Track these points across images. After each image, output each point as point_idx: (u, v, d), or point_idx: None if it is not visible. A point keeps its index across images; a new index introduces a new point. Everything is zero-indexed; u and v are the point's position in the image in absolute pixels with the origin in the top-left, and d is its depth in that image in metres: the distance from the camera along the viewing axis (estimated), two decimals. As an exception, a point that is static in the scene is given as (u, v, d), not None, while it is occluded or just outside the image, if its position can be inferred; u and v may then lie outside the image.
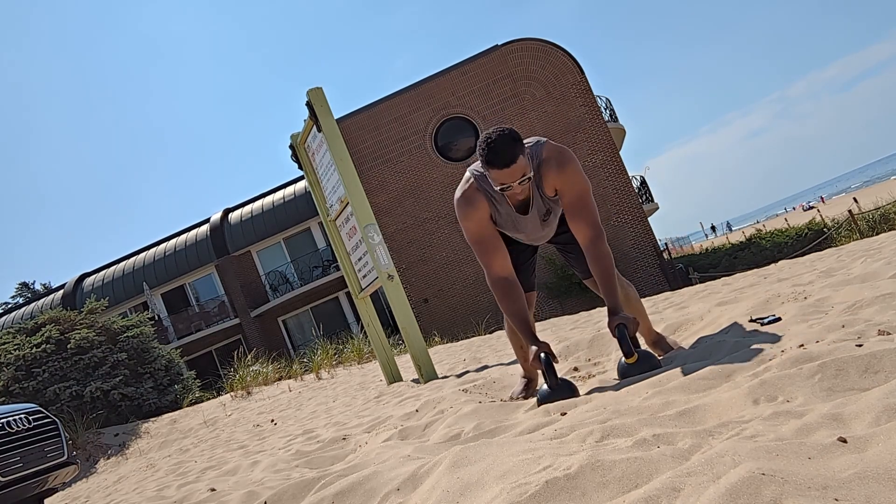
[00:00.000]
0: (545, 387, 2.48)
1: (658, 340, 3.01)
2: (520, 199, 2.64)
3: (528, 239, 2.88)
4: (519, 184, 2.46)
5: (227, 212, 25.68)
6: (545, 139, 2.70)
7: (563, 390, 2.45)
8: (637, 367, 2.48)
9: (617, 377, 2.61)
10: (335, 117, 6.62)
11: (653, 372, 2.43)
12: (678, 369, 2.31)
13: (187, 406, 11.87)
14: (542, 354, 2.48)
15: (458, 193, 2.70)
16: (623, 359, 2.53)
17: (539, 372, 2.85)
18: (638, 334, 3.04)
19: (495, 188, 2.52)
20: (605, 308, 2.65)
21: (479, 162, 2.60)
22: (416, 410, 3.46)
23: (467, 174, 2.72)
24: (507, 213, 2.69)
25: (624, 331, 2.46)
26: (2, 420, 5.05)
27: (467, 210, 2.66)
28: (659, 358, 2.72)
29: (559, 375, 2.55)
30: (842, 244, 12.31)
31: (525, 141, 2.63)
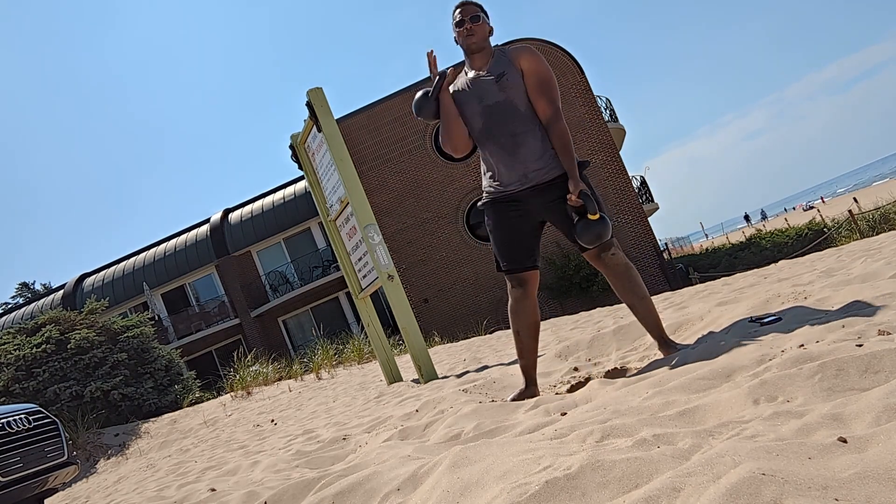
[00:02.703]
0: (420, 93, 3.02)
1: (668, 341, 3.00)
2: (479, 60, 2.96)
3: (487, 108, 2.93)
4: (471, 18, 2.92)
5: (227, 212, 25.67)
6: None
7: (433, 102, 2.97)
8: (596, 224, 2.70)
9: (579, 238, 2.78)
10: (335, 117, 6.63)
11: (640, 371, 2.50)
12: (678, 369, 2.31)
13: (187, 406, 11.87)
14: (440, 73, 2.99)
15: None
16: (586, 216, 2.74)
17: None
18: (646, 331, 3.19)
19: (455, 31, 2.97)
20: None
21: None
22: (417, 410, 3.46)
23: None
24: (467, 79, 2.99)
25: (588, 192, 2.75)
26: (2, 420, 5.05)
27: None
28: (664, 356, 2.86)
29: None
30: (842, 244, 12.31)
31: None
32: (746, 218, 70.30)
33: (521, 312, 3.00)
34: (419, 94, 3.02)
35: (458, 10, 2.97)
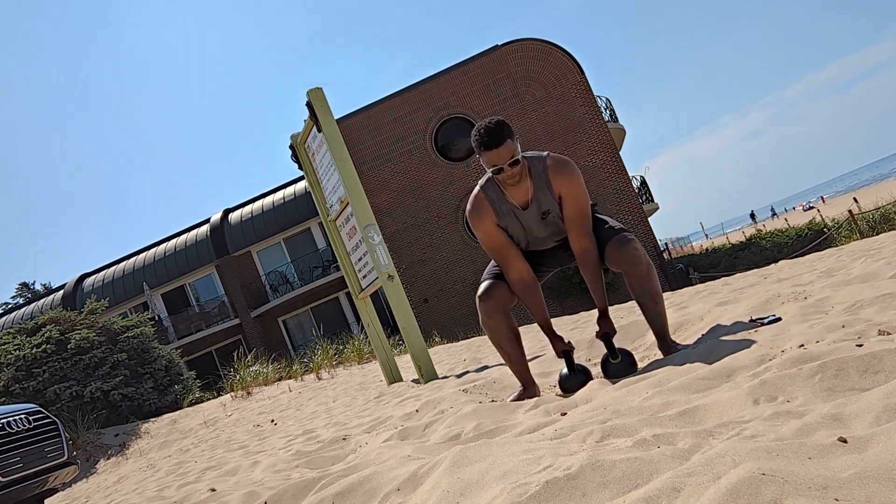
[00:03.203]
0: (565, 370, 2.90)
1: (669, 342, 2.99)
2: (518, 193, 2.80)
3: (532, 239, 2.91)
4: (510, 165, 2.67)
5: (227, 212, 25.67)
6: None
7: (580, 375, 2.85)
8: (619, 365, 2.81)
9: (601, 372, 2.90)
10: (335, 118, 6.63)
11: (640, 371, 2.59)
12: (678, 369, 2.31)
13: (187, 406, 11.87)
14: (563, 350, 2.89)
15: (468, 206, 2.92)
16: (609, 358, 2.87)
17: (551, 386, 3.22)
18: (649, 330, 3.33)
19: (489, 171, 2.74)
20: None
21: (485, 175, 2.87)
22: (417, 411, 3.46)
23: (476, 187, 2.91)
24: (509, 210, 2.83)
25: (609, 337, 2.87)
26: (2, 420, 5.05)
27: (476, 218, 2.87)
28: (664, 356, 2.90)
29: (576, 362, 2.97)
30: (842, 244, 12.31)
31: (528, 153, 2.85)
32: (752, 216, 70.08)
33: (497, 325, 2.96)
34: (564, 374, 2.90)
35: (487, 153, 2.66)
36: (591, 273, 2.82)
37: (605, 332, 2.87)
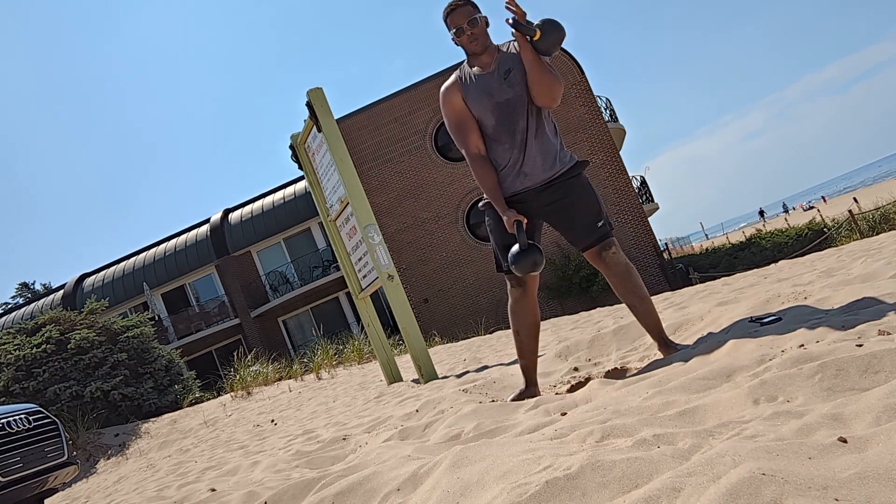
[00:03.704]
0: (516, 248, 2.73)
1: (668, 342, 2.99)
2: (483, 60, 2.91)
3: (496, 106, 2.88)
4: (469, 23, 2.85)
5: (227, 212, 25.67)
6: None
7: (532, 251, 2.71)
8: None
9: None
10: (335, 117, 6.63)
11: (640, 371, 2.50)
12: (678, 369, 2.31)
13: (187, 406, 11.87)
14: (515, 221, 2.76)
15: (441, 88, 3.03)
16: (531, 36, 2.75)
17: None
18: (646, 331, 3.19)
19: (452, 38, 2.91)
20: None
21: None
22: (417, 410, 3.46)
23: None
24: (474, 77, 2.92)
25: (521, 22, 2.76)
26: (2, 420, 5.05)
27: (444, 97, 3.00)
28: (664, 357, 2.87)
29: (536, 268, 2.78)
30: (842, 244, 12.31)
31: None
32: (761, 213, 69.78)
33: (521, 312, 2.99)
34: (514, 252, 2.73)
35: (450, 17, 2.89)
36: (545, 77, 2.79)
37: (513, 19, 2.77)
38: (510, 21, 2.76)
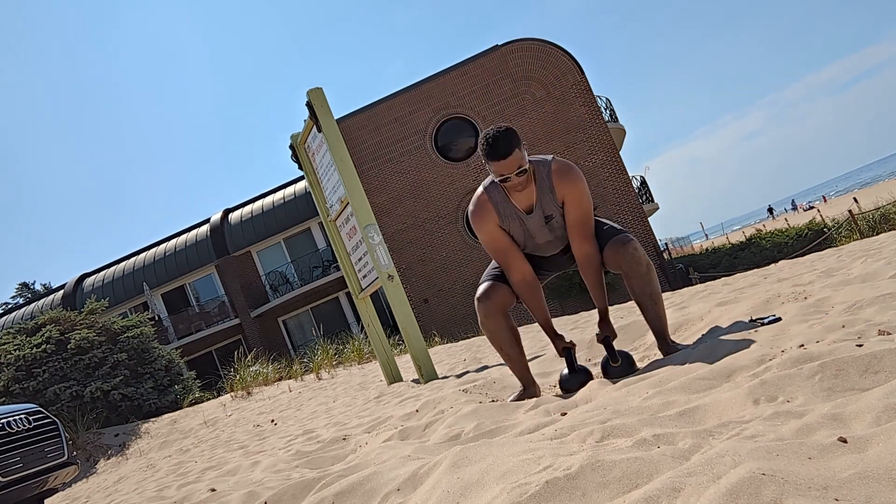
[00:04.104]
0: (565, 370, 2.91)
1: (669, 342, 2.99)
2: (522, 198, 2.80)
3: (536, 245, 2.91)
4: (517, 174, 2.66)
5: (227, 212, 25.67)
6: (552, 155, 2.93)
7: (580, 373, 2.86)
8: (619, 368, 2.84)
9: (601, 373, 2.93)
10: (335, 117, 6.63)
11: (640, 371, 2.61)
12: (678, 369, 2.31)
13: (187, 406, 11.86)
14: (563, 347, 2.91)
15: (470, 207, 2.92)
16: (609, 361, 2.89)
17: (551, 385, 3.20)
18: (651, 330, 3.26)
19: (496, 180, 2.73)
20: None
21: (489, 177, 2.85)
22: (417, 411, 3.46)
23: (479, 188, 2.90)
24: (513, 214, 2.83)
25: (610, 341, 2.90)
26: (2, 420, 5.05)
27: (478, 220, 2.87)
28: (664, 357, 2.91)
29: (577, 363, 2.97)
30: (842, 244, 12.31)
31: (533, 157, 2.87)
32: (770, 210, 69.56)
33: (496, 328, 2.94)
34: (564, 374, 2.91)
35: (494, 164, 2.65)
36: (593, 277, 2.85)
37: (606, 335, 2.90)
38: (602, 339, 2.89)
